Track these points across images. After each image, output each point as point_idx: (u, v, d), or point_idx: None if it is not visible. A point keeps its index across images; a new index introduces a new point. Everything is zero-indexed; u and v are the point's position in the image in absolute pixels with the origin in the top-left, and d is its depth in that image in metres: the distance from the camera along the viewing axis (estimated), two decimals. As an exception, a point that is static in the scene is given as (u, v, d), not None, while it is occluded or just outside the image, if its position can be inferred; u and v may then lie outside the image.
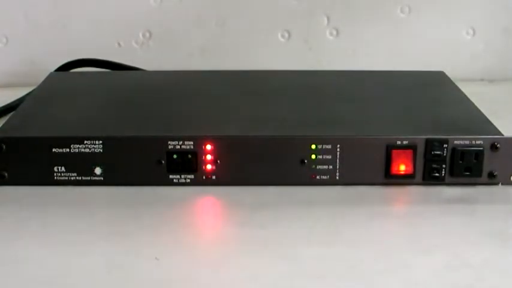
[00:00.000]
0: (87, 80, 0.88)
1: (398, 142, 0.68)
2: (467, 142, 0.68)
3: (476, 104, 0.78)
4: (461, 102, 0.79)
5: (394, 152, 0.68)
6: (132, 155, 0.69)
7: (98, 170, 0.69)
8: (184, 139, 0.68)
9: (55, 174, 0.69)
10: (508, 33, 1.03)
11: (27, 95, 0.87)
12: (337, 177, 0.69)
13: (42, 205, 0.67)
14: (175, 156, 0.69)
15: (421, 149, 0.68)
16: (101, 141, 0.68)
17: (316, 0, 1.01)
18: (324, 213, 0.65)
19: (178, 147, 0.68)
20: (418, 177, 0.69)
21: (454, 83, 0.85)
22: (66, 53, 0.97)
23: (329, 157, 0.69)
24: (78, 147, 0.68)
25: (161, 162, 0.69)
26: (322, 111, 0.76)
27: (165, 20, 1.02)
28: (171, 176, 0.69)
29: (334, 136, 0.69)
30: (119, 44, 1.02)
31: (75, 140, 0.68)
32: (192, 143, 0.68)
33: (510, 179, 0.69)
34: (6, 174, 0.69)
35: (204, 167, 0.69)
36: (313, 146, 0.68)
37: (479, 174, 0.69)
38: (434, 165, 0.69)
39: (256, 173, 0.69)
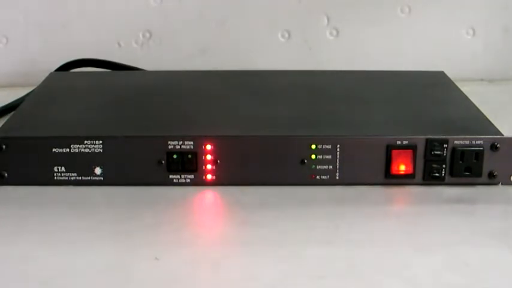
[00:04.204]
0: (87, 80, 0.88)
1: (398, 142, 0.68)
2: (467, 142, 0.68)
3: (476, 104, 0.78)
4: (461, 102, 0.79)
5: (394, 152, 0.68)
6: (132, 155, 0.69)
7: (98, 170, 0.69)
8: (184, 139, 0.68)
9: (55, 174, 0.69)
10: (508, 33, 1.03)
11: (27, 95, 0.87)
12: (337, 177, 0.69)
13: (42, 205, 0.67)
14: (175, 156, 0.69)
15: (421, 149, 0.68)
16: (101, 141, 0.68)
17: (316, 0, 1.01)
18: (324, 213, 0.65)
19: (178, 147, 0.68)
20: (418, 177, 0.69)
21: (454, 83, 0.85)
22: (66, 53, 0.97)
23: (329, 157, 0.69)
24: (78, 147, 0.68)
25: (161, 162, 0.69)
26: (322, 111, 0.76)
27: (165, 20, 1.02)
28: (171, 176, 0.69)
29: (334, 136, 0.69)
30: (119, 44, 1.02)
31: (75, 140, 0.68)
32: (192, 143, 0.68)
33: (510, 179, 0.69)
34: (6, 174, 0.69)
35: (204, 167, 0.69)
36: (313, 146, 0.68)
37: (479, 174, 0.69)
38: (434, 165, 0.69)
39: (256, 173, 0.69)
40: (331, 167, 0.69)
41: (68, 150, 0.68)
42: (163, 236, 0.61)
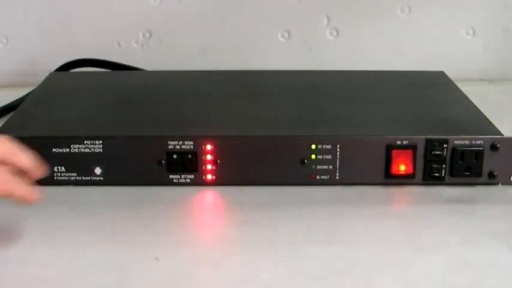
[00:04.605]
0: (87, 80, 0.88)
1: (398, 142, 0.68)
2: (467, 142, 0.68)
3: (476, 104, 0.78)
4: (461, 102, 0.79)
5: (394, 152, 0.68)
6: (132, 155, 0.69)
7: (98, 170, 0.69)
8: (184, 139, 0.68)
9: (55, 174, 0.69)
10: (508, 33, 1.03)
11: (27, 95, 0.87)
12: (337, 177, 0.69)
13: (42, 205, 0.66)
14: (175, 156, 0.69)
15: (421, 149, 0.68)
16: (101, 141, 0.68)
17: (316, 0, 1.01)
18: (324, 213, 0.65)
19: (178, 147, 0.68)
20: (418, 177, 0.69)
21: (454, 83, 0.85)
22: (66, 53, 0.97)
23: (329, 157, 0.69)
24: (78, 147, 0.68)
25: (161, 162, 0.69)
26: (322, 111, 0.76)
27: (165, 20, 1.02)
28: (171, 176, 0.69)
29: (334, 136, 0.69)
30: (118, 44, 1.02)
31: (75, 140, 0.68)
32: (192, 143, 0.68)
33: (510, 179, 0.69)
34: (6, 174, 0.69)
35: (204, 167, 0.69)
36: (313, 146, 0.68)
37: (479, 174, 0.69)
38: (434, 165, 0.69)
39: (256, 173, 0.69)
40: (331, 167, 0.69)
41: (68, 150, 0.68)
42: (163, 236, 0.61)
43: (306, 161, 0.69)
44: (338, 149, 0.69)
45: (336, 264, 0.57)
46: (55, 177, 0.69)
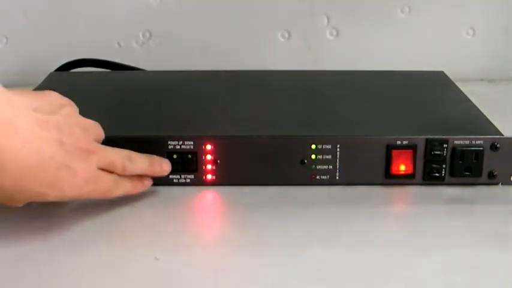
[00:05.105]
0: (87, 80, 0.88)
1: (398, 142, 0.68)
2: (467, 142, 0.68)
3: (476, 104, 0.78)
4: (461, 102, 0.79)
5: (394, 152, 0.68)
6: (132, 155, 0.69)
7: (98, 170, 0.69)
8: (184, 139, 0.68)
9: (55, 174, 0.69)
10: (508, 33, 1.03)
11: (27, 95, 0.87)
12: (337, 177, 0.69)
13: (43, 205, 0.66)
14: (175, 156, 0.69)
15: (421, 149, 0.68)
16: (100, 142, 0.68)
17: (316, 0, 1.01)
18: (324, 213, 0.65)
19: (178, 147, 0.68)
20: (418, 177, 0.69)
21: (454, 83, 0.85)
22: (66, 53, 0.97)
23: (329, 157, 0.69)
24: (78, 147, 0.68)
25: (161, 162, 0.69)
26: (322, 111, 0.76)
27: (165, 20, 1.02)
28: (171, 176, 0.69)
29: (334, 136, 0.69)
30: (118, 44, 1.02)
31: (75, 140, 0.68)
32: (192, 143, 0.68)
33: (510, 179, 0.69)
34: (6, 174, 0.69)
35: (204, 167, 0.69)
36: (313, 146, 0.68)
37: (479, 174, 0.69)
38: (434, 165, 0.69)
39: (256, 173, 0.69)
40: (331, 167, 0.69)
41: (68, 150, 0.68)
42: (163, 236, 0.61)
43: (306, 161, 0.69)
44: (338, 149, 0.69)
45: (335, 265, 0.57)
46: (55, 177, 0.69)
